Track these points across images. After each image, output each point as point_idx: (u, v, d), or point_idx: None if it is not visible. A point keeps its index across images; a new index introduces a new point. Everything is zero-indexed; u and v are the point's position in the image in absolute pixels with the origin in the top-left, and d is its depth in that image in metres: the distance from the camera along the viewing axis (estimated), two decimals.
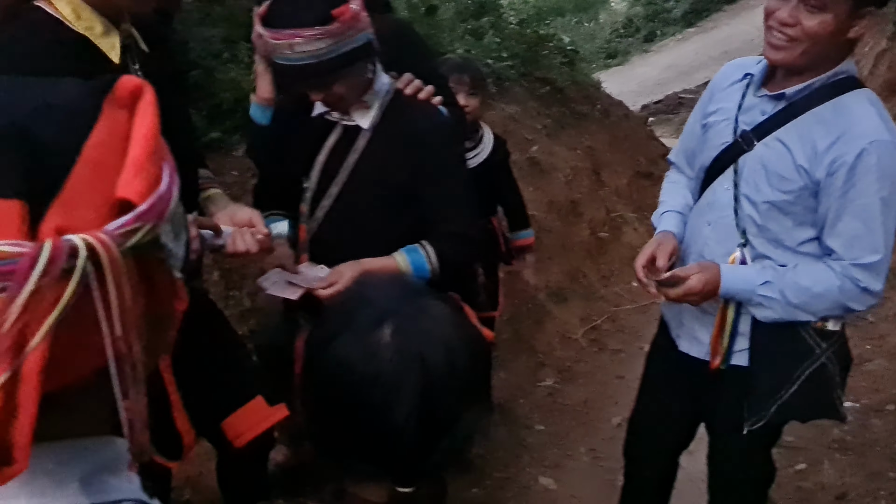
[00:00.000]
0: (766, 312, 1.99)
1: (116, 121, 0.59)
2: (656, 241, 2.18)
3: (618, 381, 4.24)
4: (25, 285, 0.50)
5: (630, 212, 6.39)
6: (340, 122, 2.07)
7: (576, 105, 6.58)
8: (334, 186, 2.07)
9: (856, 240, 1.87)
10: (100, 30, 1.63)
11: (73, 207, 0.55)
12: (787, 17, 1.82)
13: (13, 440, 0.52)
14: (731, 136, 2.04)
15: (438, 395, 0.90)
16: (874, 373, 4.12)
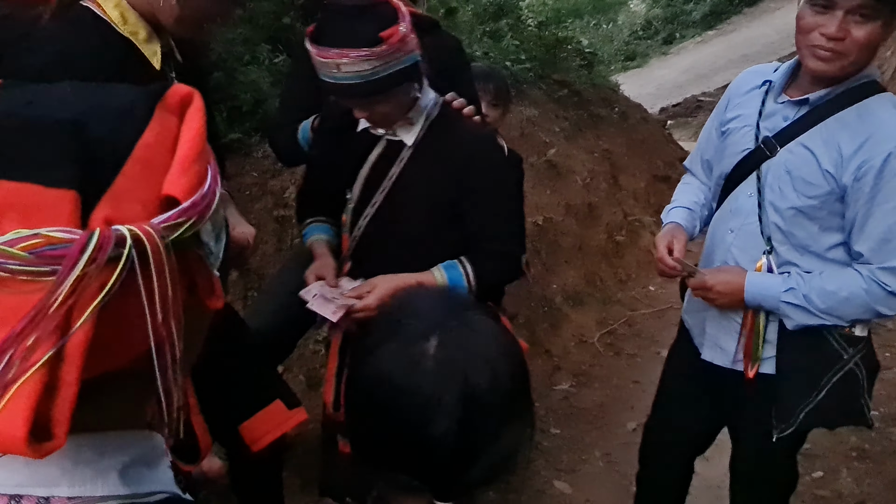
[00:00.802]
0: (794, 320, 1.98)
1: (167, 124, 0.63)
2: (669, 232, 2.19)
3: (633, 386, 4.23)
4: (73, 269, 0.53)
5: (647, 215, 6.37)
6: (385, 136, 2.08)
7: (594, 108, 6.57)
8: (376, 199, 2.08)
9: (884, 243, 1.87)
10: (143, 35, 1.66)
11: (123, 201, 0.58)
12: (836, 32, 1.79)
13: (54, 416, 0.55)
14: (753, 143, 2.04)
15: (480, 410, 0.90)
16: (893, 381, 4.08)
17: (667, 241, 2.13)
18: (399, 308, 1.00)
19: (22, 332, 0.53)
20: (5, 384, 0.53)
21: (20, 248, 0.54)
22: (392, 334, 0.95)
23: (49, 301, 0.53)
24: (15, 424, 0.53)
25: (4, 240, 0.54)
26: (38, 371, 0.53)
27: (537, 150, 5.18)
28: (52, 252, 0.54)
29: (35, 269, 0.54)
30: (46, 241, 0.54)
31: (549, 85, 6.12)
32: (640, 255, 5.84)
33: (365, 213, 2.09)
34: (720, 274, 2.06)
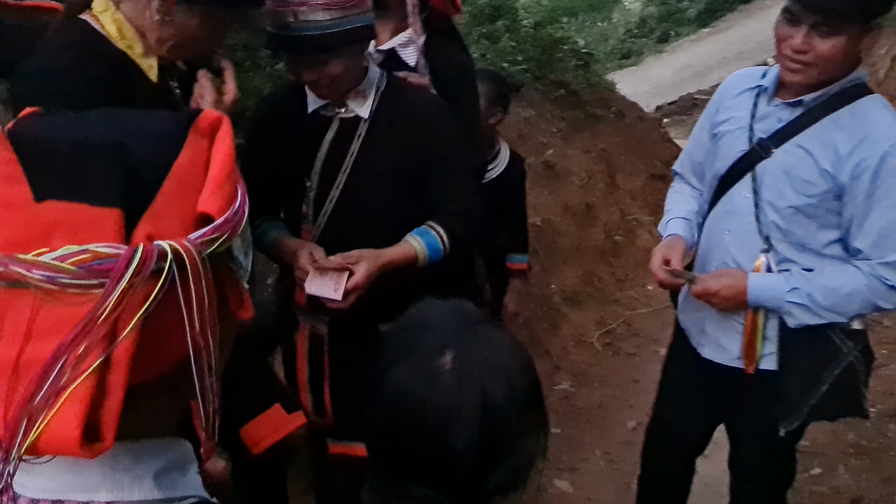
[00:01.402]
0: (799, 318, 2.03)
1: (199, 146, 0.68)
2: (666, 244, 2.23)
3: (633, 385, 4.27)
4: (120, 282, 0.59)
5: (645, 215, 6.40)
6: (337, 115, 2.05)
7: (590, 108, 6.59)
8: (339, 180, 2.05)
9: (882, 239, 1.93)
10: (139, 50, 1.69)
11: (162, 218, 0.64)
12: (800, 45, 1.89)
13: (103, 420, 0.60)
14: (747, 145, 2.09)
15: (499, 420, 0.93)
16: (890, 378, 4.12)
17: (663, 253, 2.17)
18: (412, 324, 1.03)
19: (73, 340, 0.58)
20: (58, 389, 0.57)
21: (70, 262, 0.59)
22: (408, 350, 0.97)
23: (98, 312, 0.58)
24: (69, 426, 0.57)
25: (55, 255, 0.59)
26: (89, 377, 0.58)
27: (535, 151, 5.20)
28: (100, 266, 0.59)
29: (84, 283, 0.59)
30: (94, 256, 0.59)
31: (545, 85, 6.15)
32: (637, 254, 5.87)
33: (329, 197, 2.05)
34: (722, 278, 2.10)
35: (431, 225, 2.07)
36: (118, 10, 1.65)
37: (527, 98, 5.73)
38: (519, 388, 0.96)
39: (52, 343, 0.58)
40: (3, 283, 0.60)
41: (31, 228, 0.61)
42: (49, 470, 0.64)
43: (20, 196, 0.62)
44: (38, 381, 0.58)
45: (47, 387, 0.57)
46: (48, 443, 0.58)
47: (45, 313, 0.59)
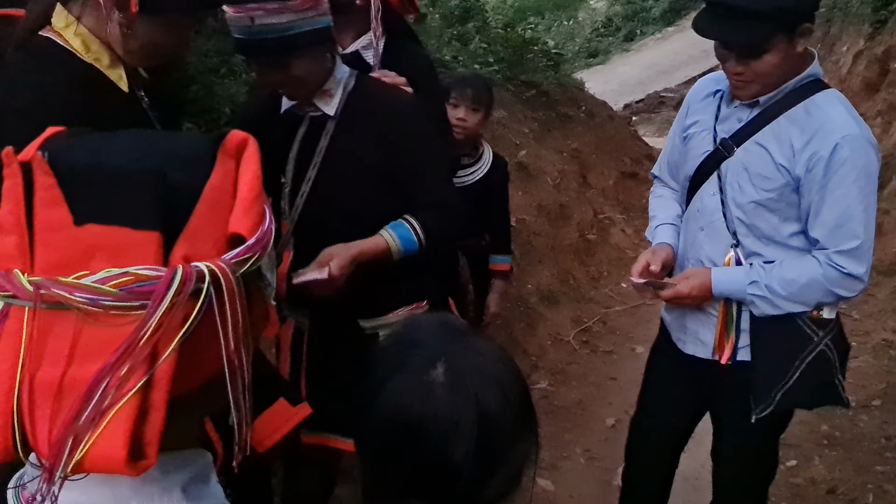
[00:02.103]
0: (761, 309, 2.10)
1: (227, 168, 0.69)
2: (651, 250, 2.29)
3: (610, 383, 4.31)
4: (161, 303, 0.60)
5: (617, 213, 6.47)
6: (307, 114, 2.10)
7: (561, 107, 6.64)
8: (310, 175, 2.10)
9: (837, 228, 1.99)
10: (107, 62, 1.68)
11: (197, 240, 0.65)
12: (735, 68, 1.99)
13: (146, 437, 0.61)
14: (712, 145, 2.17)
15: (495, 429, 0.94)
16: (860, 369, 4.22)
17: (646, 259, 2.24)
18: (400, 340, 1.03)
19: (117, 361, 0.59)
20: (103, 410, 0.59)
21: (111, 285, 0.60)
22: (399, 366, 0.98)
23: (140, 333, 0.60)
24: (116, 446, 0.59)
25: (96, 278, 0.60)
26: (133, 397, 0.59)
27: (508, 152, 5.22)
28: (141, 288, 0.60)
29: (126, 305, 0.60)
30: (136, 278, 0.60)
31: (516, 86, 6.18)
32: (611, 252, 5.94)
33: (301, 192, 2.11)
34: (689, 280, 2.17)
35: (406, 218, 2.10)
36: (80, 24, 1.64)
37: (498, 99, 5.75)
38: (512, 396, 0.97)
39: (96, 364, 0.59)
40: (45, 306, 0.61)
41: (71, 252, 0.62)
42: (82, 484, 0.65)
43: (61, 220, 0.63)
44: (82, 401, 0.59)
45: (91, 407, 0.59)
46: (94, 462, 0.59)
47: (88, 335, 0.60)
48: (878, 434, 3.73)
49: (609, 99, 9.14)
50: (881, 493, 3.32)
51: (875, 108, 6.68)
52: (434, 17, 6.09)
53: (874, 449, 3.63)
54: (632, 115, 11.28)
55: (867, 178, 1.98)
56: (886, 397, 4.01)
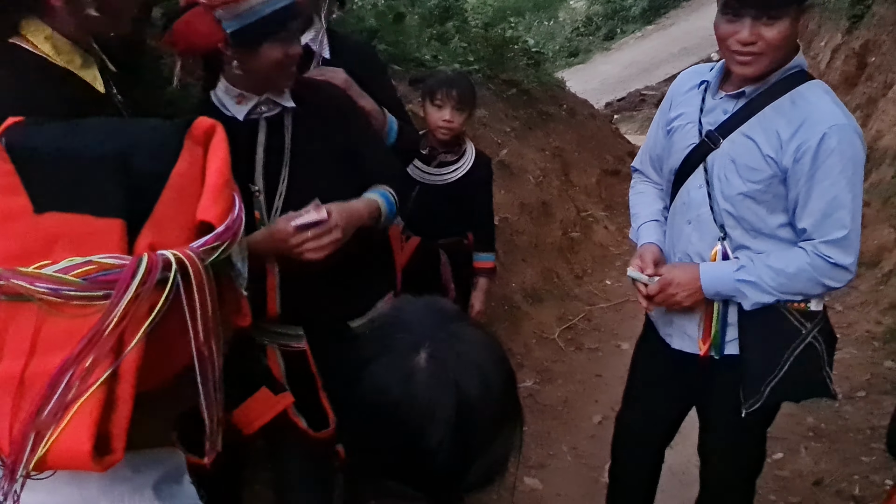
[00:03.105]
0: (751, 298, 2.08)
1: (195, 154, 0.68)
2: (638, 254, 2.28)
3: (596, 380, 4.31)
4: (126, 293, 0.58)
5: (600, 210, 6.47)
6: (262, 116, 2.05)
7: (542, 106, 6.64)
8: (283, 176, 2.06)
9: (824, 218, 1.98)
10: (79, 62, 1.65)
11: (163, 227, 0.63)
12: (748, 37, 1.94)
13: (112, 432, 0.59)
14: (697, 137, 2.15)
15: (473, 416, 0.92)
16: (844, 361, 4.23)
17: (636, 264, 2.24)
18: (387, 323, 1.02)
19: (80, 353, 0.57)
20: (66, 403, 0.57)
21: (74, 274, 0.58)
22: (383, 349, 0.97)
23: (104, 324, 0.58)
24: (80, 440, 0.56)
25: (59, 268, 0.58)
26: (98, 390, 0.57)
27: (490, 150, 5.20)
28: (105, 277, 0.58)
29: (89, 294, 0.58)
30: (99, 267, 0.59)
31: (497, 85, 6.17)
32: (594, 249, 5.94)
33: (278, 193, 2.06)
34: (675, 273, 2.15)
35: (376, 186, 2.13)
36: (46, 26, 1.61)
37: (479, 98, 5.73)
38: (494, 384, 0.96)
39: (58, 356, 0.57)
40: (4, 297, 0.59)
41: (31, 241, 0.60)
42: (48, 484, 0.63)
43: (19, 208, 0.61)
44: (44, 395, 0.57)
45: (55, 401, 0.56)
46: (58, 457, 0.57)
47: (50, 326, 0.58)
48: (863, 425, 3.75)
49: (590, 97, 9.15)
50: (867, 484, 3.33)
51: (854, 101, 6.72)
52: (413, 16, 6.07)
53: (859, 440, 3.64)
54: (613, 114, 11.32)
55: (854, 168, 1.97)
56: (871, 388, 4.03)
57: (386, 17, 4.97)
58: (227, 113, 2.04)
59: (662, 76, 12.55)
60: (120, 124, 0.72)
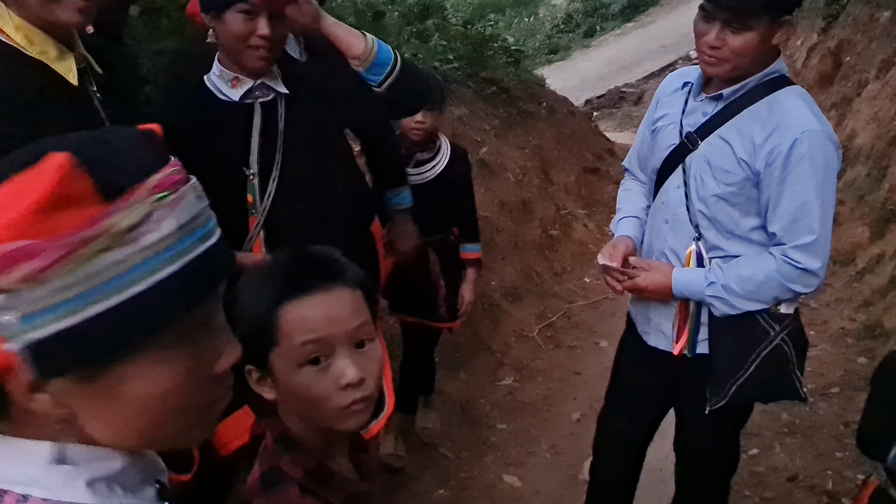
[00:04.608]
0: (720, 310, 2.12)
1: (23, 186, 0.62)
2: (611, 243, 2.31)
3: (575, 378, 4.33)
4: None
5: (579, 208, 6.50)
6: (257, 101, 2.08)
7: (522, 104, 6.65)
8: (276, 160, 2.08)
9: (793, 223, 2.02)
10: (54, 54, 1.64)
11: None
12: (714, 41, 1.98)
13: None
14: (678, 138, 2.19)
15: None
16: (818, 357, 4.29)
17: (608, 252, 2.27)
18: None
19: None
20: None
21: None
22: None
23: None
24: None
25: None
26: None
27: (470, 149, 5.19)
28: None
29: None
30: None
31: (477, 83, 6.18)
32: (573, 247, 5.96)
33: (272, 177, 2.08)
34: (650, 274, 2.19)
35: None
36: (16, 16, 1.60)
37: (459, 97, 5.76)
38: None
39: None
40: None
41: None
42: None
43: None
44: None
45: None
46: None
47: None
48: (836, 421, 3.80)
49: (570, 95, 9.18)
50: (840, 479, 3.38)
51: (829, 100, 6.79)
52: (393, 14, 6.07)
53: (833, 436, 3.69)
54: (593, 111, 11.35)
55: (825, 174, 2.00)
56: (844, 385, 4.09)
57: (365, 16, 4.97)
58: (221, 97, 2.07)
59: (642, 73, 12.61)
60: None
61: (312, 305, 1.14)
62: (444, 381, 3.91)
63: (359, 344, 1.18)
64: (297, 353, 1.14)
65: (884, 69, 5.93)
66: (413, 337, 3.43)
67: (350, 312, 1.17)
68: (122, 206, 0.64)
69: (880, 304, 4.63)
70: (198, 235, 0.70)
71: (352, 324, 1.17)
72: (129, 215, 0.64)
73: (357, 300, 1.20)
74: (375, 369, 1.20)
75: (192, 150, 2.01)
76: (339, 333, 1.15)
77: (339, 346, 1.16)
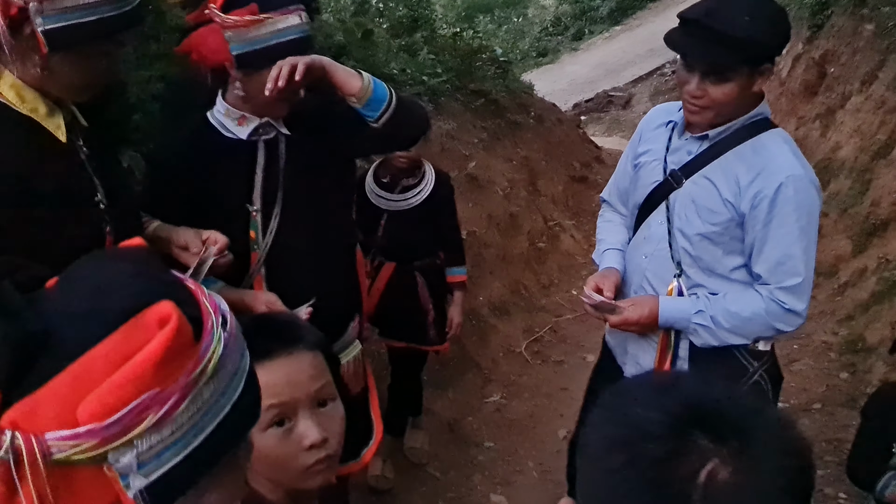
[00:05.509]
0: (703, 339, 2.17)
1: (129, 340, 0.65)
2: (600, 273, 2.34)
3: (562, 393, 4.38)
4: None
5: (567, 219, 6.54)
6: (261, 139, 2.13)
7: (510, 114, 6.68)
8: (279, 196, 2.13)
9: (779, 265, 2.07)
10: (44, 111, 1.66)
11: (40, 406, 0.62)
12: (695, 91, 2.03)
13: None
14: (662, 175, 2.23)
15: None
16: (801, 373, 4.35)
17: (596, 282, 2.29)
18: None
19: None
20: None
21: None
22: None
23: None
24: None
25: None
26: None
27: (458, 163, 5.26)
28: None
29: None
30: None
31: (465, 95, 6.20)
32: (561, 259, 6.01)
33: (274, 214, 2.12)
34: (637, 307, 2.21)
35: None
36: (10, 74, 1.63)
37: (448, 110, 5.79)
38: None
39: None
40: None
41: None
42: None
43: None
44: None
45: None
46: None
47: None
48: (818, 437, 3.84)
49: (559, 98, 9.22)
50: (822, 497, 3.43)
51: (814, 111, 6.85)
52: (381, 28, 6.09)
53: (815, 453, 3.68)
54: (580, 115, 11.40)
55: (808, 218, 2.05)
56: (826, 401, 4.14)
57: (354, 34, 4.99)
58: (227, 134, 2.13)
59: (630, 77, 12.64)
60: (68, 287, 0.69)
61: (274, 370, 1.18)
62: (431, 400, 3.95)
63: (321, 403, 1.25)
64: (261, 417, 1.19)
65: (867, 82, 5.99)
66: (400, 360, 3.48)
67: (311, 375, 1.24)
68: (208, 340, 0.69)
69: (862, 319, 4.69)
70: (244, 349, 0.76)
71: (313, 386, 1.24)
72: (216, 347, 0.70)
73: (318, 362, 1.26)
74: (338, 428, 1.27)
75: (197, 187, 2.11)
76: (301, 396, 1.22)
77: (302, 409, 1.23)
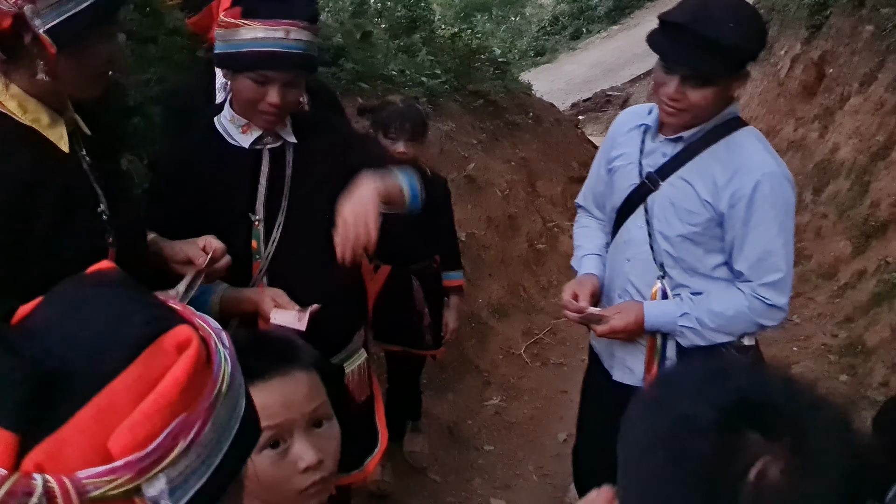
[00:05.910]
0: (690, 340, 2.19)
1: (150, 368, 0.62)
2: (578, 280, 2.35)
3: (561, 396, 4.37)
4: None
5: (566, 220, 6.53)
6: (266, 147, 2.11)
7: (509, 115, 6.68)
8: (283, 206, 2.11)
9: (760, 262, 2.10)
10: (46, 121, 1.65)
11: (65, 445, 0.59)
12: (673, 93, 2.04)
13: None
14: (638, 178, 2.25)
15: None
16: (801, 376, 4.34)
17: (573, 289, 2.32)
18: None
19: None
20: None
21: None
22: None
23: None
24: None
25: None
26: None
27: (457, 165, 5.25)
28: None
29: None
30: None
31: (464, 97, 6.20)
32: (560, 260, 5.99)
33: (277, 224, 2.10)
34: (623, 314, 2.23)
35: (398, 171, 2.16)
36: (13, 85, 1.62)
37: (447, 111, 5.78)
38: None
39: None
40: None
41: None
42: None
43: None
44: None
45: None
46: None
47: None
48: None
49: (556, 98, 9.21)
50: None
51: (812, 111, 6.85)
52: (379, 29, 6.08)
53: None
54: (579, 115, 11.41)
55: (786, 214, 2.09)
56: None
57: (353, 36, 4.98)
58: (231, 141, 2.11)
59: (627, 76, 12.67)
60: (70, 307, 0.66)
61: (269, 391, 1.16)
62: (431, 403, 3.94)
63: (317, 423, 1.23)
64: None
65: (866, 83, 5.99)
66: (398, 364, 3.46)
67: (306, 396, 1.21)
68: (217, 360, 0.69)
69: (862, 321, 4.69)
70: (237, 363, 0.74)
71: (308, 407, 1.21)
72: (224, 366, 0.69)
73: (313, 382, 1.24)
74: (333, 449, 1.25)
75: (200, 194, 2.10)
76: (297, 417, 1.20)
77: (297, 430, 1.20)
